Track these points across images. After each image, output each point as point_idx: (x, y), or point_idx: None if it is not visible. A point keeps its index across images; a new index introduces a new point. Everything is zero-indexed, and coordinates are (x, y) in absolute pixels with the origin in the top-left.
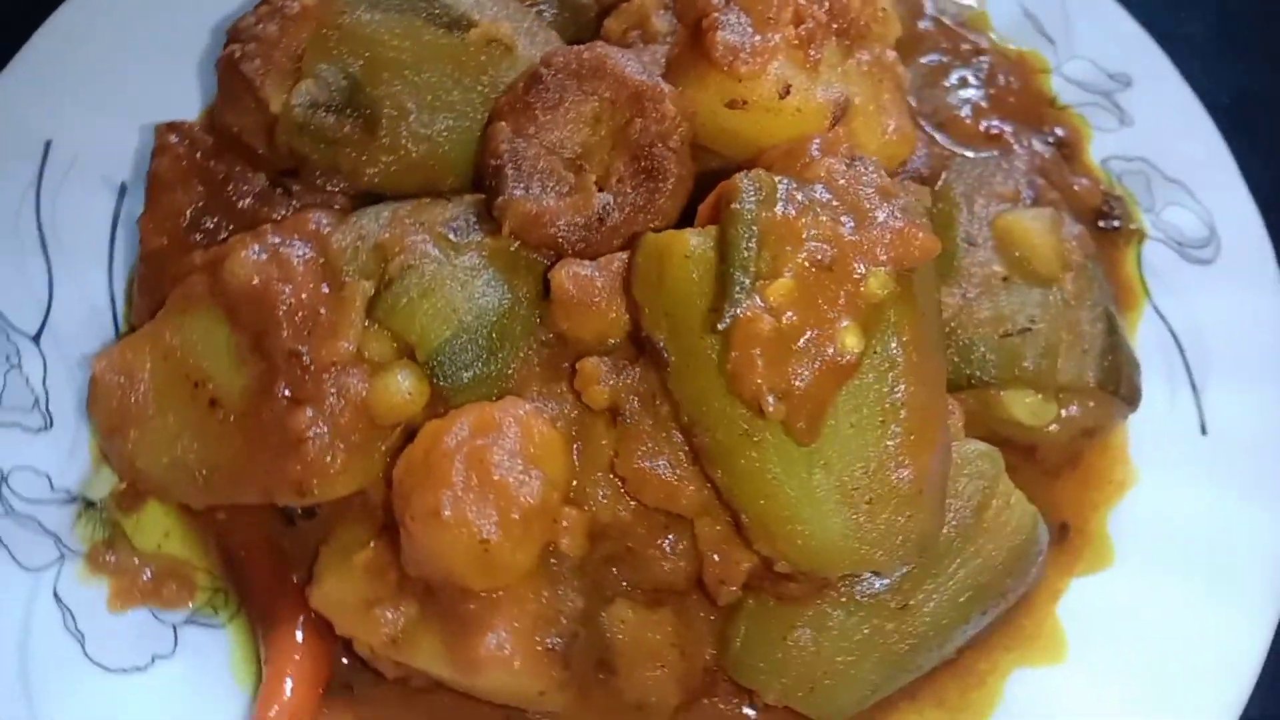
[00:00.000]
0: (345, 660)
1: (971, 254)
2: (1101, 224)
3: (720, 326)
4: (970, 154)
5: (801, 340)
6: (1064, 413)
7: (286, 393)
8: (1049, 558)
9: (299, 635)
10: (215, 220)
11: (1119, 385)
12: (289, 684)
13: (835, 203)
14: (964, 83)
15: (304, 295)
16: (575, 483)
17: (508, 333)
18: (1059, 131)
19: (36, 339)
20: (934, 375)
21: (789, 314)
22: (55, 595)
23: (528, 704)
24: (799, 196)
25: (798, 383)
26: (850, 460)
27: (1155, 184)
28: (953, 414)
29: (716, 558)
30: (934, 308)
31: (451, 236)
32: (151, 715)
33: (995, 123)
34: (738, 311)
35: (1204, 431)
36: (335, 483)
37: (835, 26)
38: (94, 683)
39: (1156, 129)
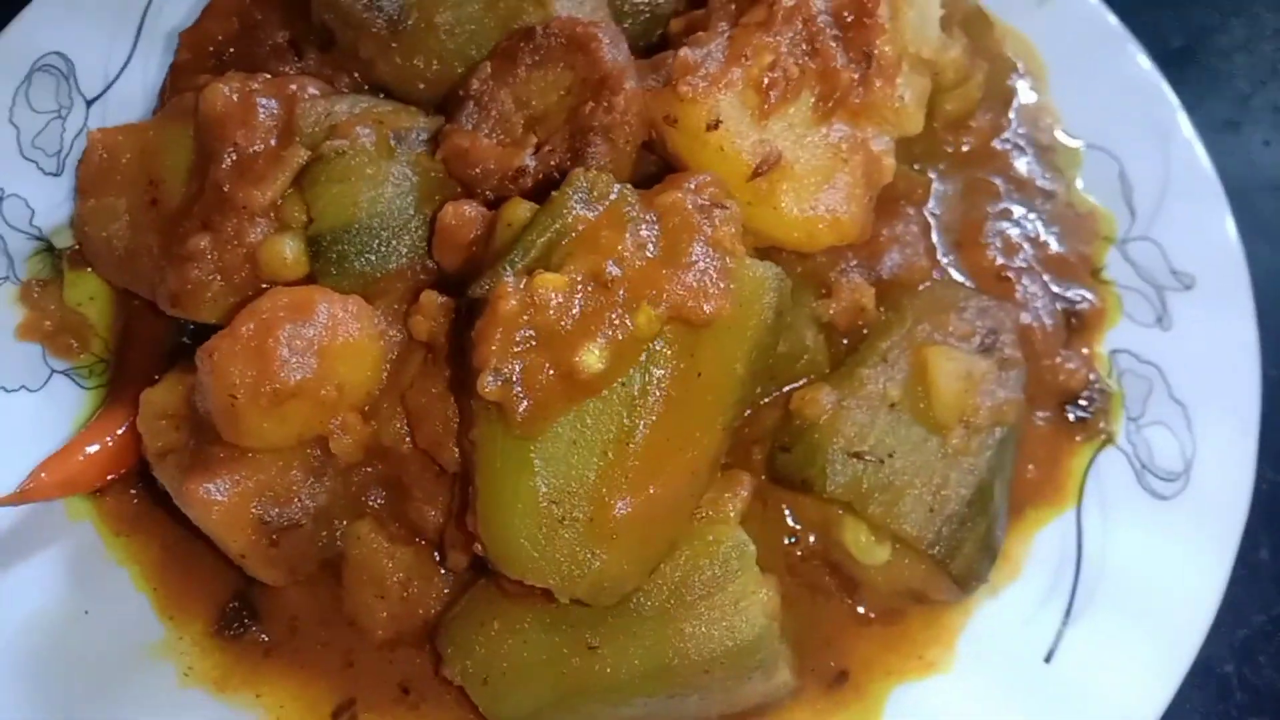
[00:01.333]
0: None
1: (879, 369)
2: (1069, 410)
3: (470, 291)
4: (966, 283)
5: (546, 339)
6: (894, 563)
7: (200, 216)
8: (813, 694)
9: (123, 429)
10: (232, 55)
11: (952, 560)
12: (85, 451)
13: (656, 234)
14: (1007, 215)
15: (253, 143)
16: (375, 397)
17: (391, 243)
18: (1084, 300)
19: (90, 103)
20: (689, 438)
21: (549, 311)
22: None
23: (238, 561)
24: (623, 211)
25: (519, 372)
26: (558, 473)
27: (1155, 397)
28: (736, 495)
29: (453, 523)
30: (723, 377)
31: (392, 141)
32: None
33: (1019, 262)
34: (489, 284)
35: (1048, 660)
36: (201, 307)
37: (817, 88)
38: None
39: (1191, 345)
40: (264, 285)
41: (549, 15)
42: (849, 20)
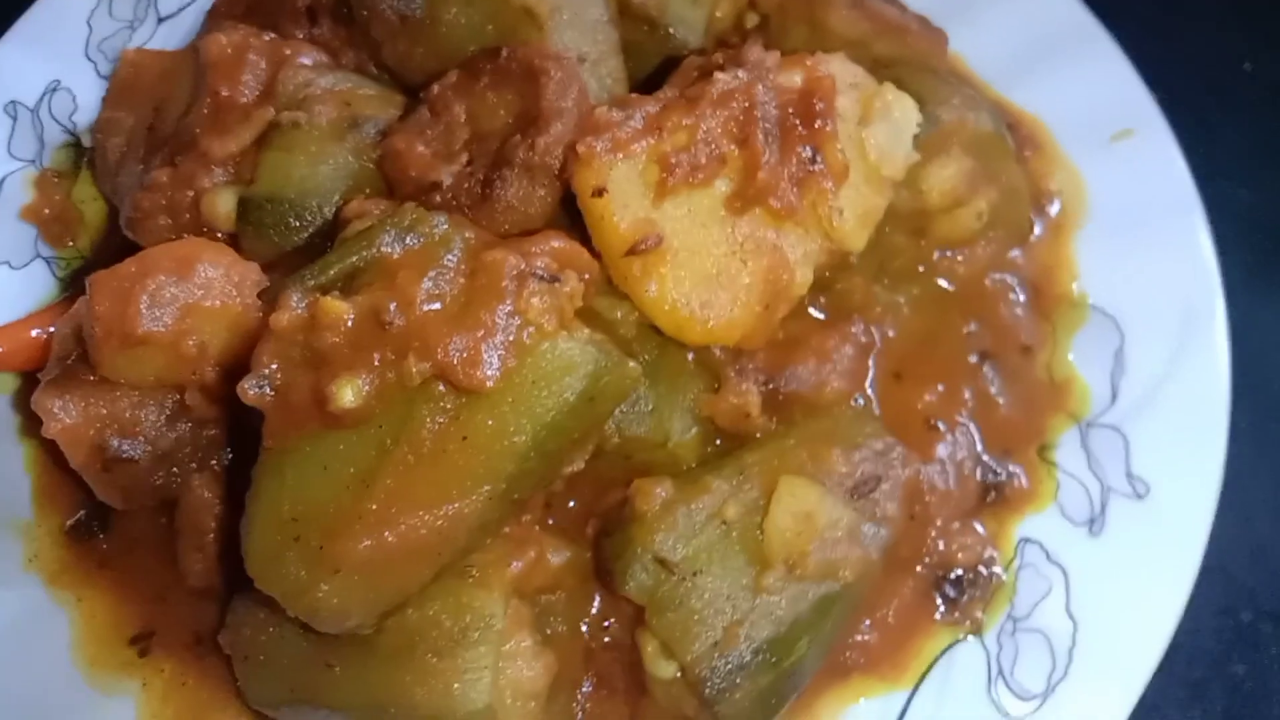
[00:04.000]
0: None
1: (730, 483)
2: (944, 586)
3: (265, 296)
4: (879, 421)
5: (312, 360)
6: (676, 688)
7: (170, 151)
8: None
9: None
10: (258, 6)
11: (718, 704)
12: (30, 332)
13: (460, 290)
14: (966, 362)
15: (232, 95)
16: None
17: (305, 223)
18: (1012, 476)
19: (163, 20)
20: (443, 496)
21: (325, 334)
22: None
23: (80, 473)
24: (437, 257)
25: (275, 384)
26: (301, 493)
27: (1050, 604)
28: (511, 565)
29: None
30: (502, 448)
31: (347, 127)
32: None
33: (958, 417)
34: (277, 293)
35: None
36: (147, 235)
37: (736, 181)
38: None
39: (1117, 563)
40: (203, 230)
41: (540, 38)
42: (795, 119)
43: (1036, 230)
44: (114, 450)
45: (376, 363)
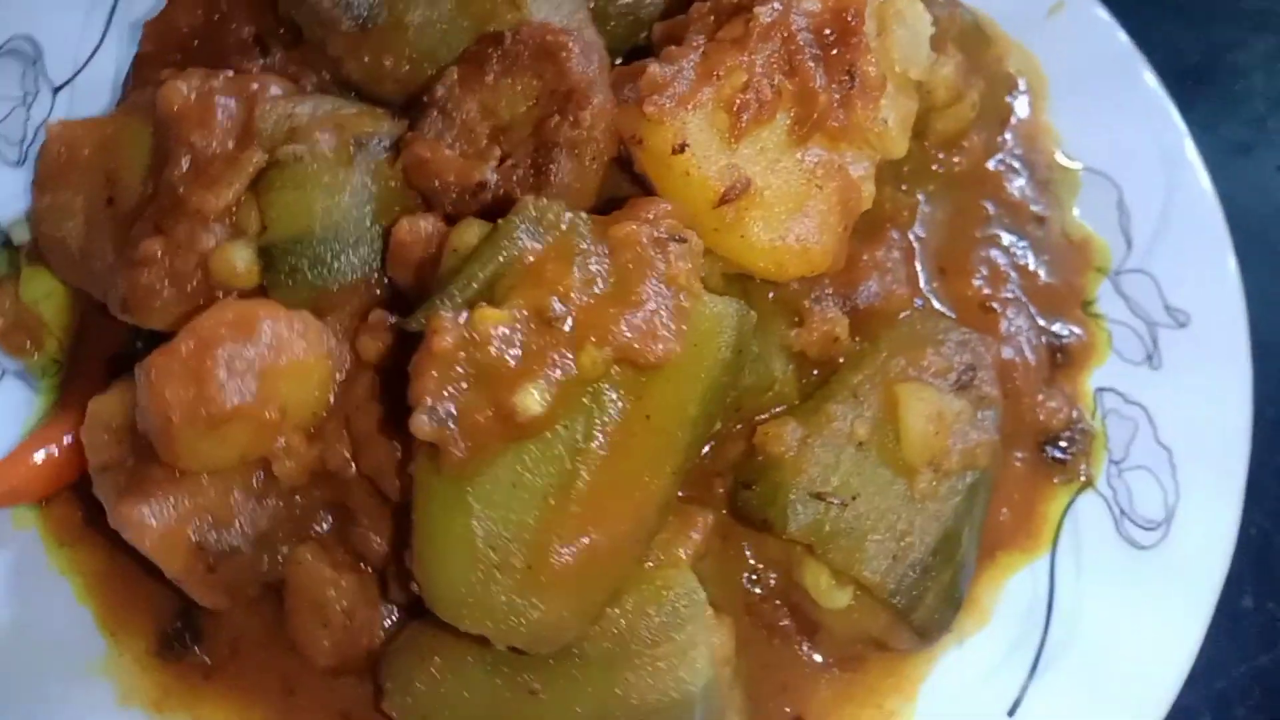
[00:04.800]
0: None
1: (848, 404)
2: (1048, 450)
3: (409, 325)
4: (948, 313)
5: (484, 378)
6: (855, 608)
7: (153, 219)
8: None
9: (71, 437)
10: (197, 48)
11: (914, 611)
12: (33, 458)
13: (607, 271)
14: (996, 241)
15: (210, 144)
16: (321, 419)
17: (344, 255)
18: (1071, 335)
19: (58, 90)
20: (636, 482)
21: (489, 348)
22: None
23: (177, 583)
24: (573, 244)
25: (452, 412)
26: (496, 517)
27: (1140, 440)
28: (688, 539)
29: (394, 558)
30: (673, 422)
31: (353, 148)
32: None
33: (1005, 293)
34: (426, 317)
35: (1011, 714)
36: (151, 314)
37: (794, 110)
38: None
39: (1181, 387)
40: (217, 294)
41: (523, 18)
42: (830, 38)
43: (1015, 110)
44: (215, 545)
45: (553, 362)
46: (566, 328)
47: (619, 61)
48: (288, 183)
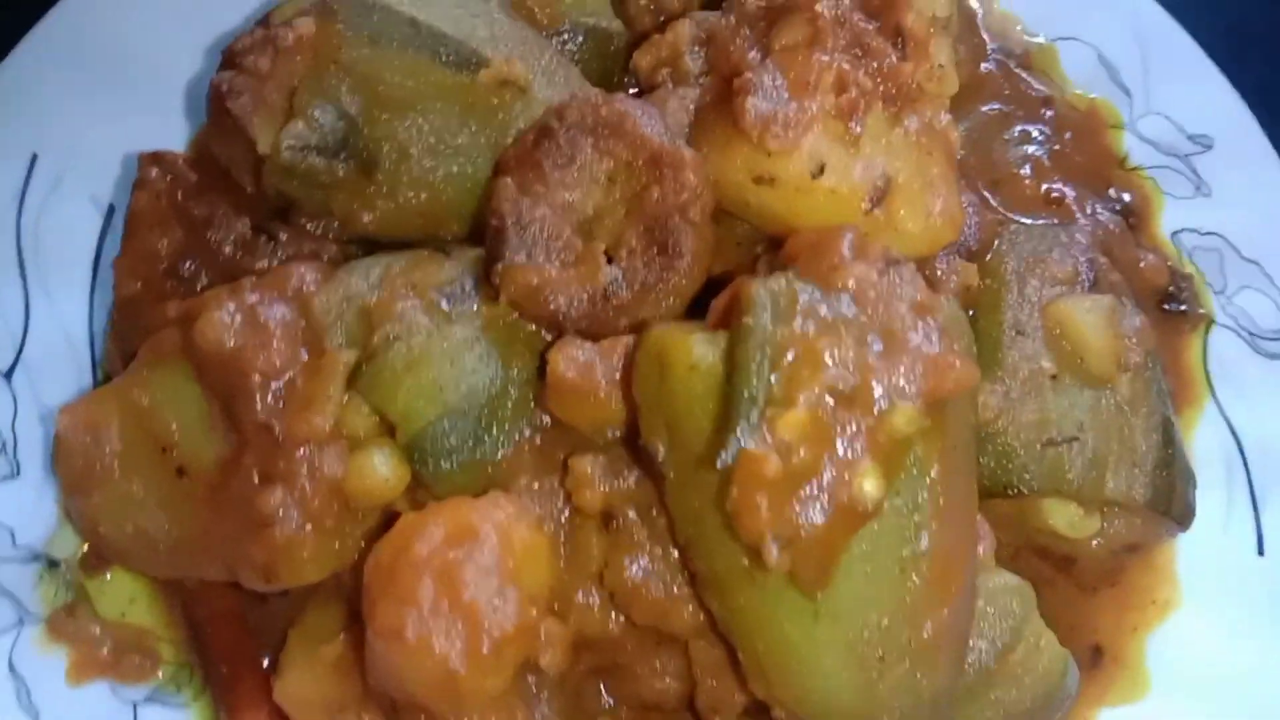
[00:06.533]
0: None
1: (1018, 345)
2: (1166, 306)
3: (720, 464)
4: (1026, 220)
5: (813, 483)
6: (1107, 527)
7: (256, 469)
8: (1082, 682)
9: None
10: (194, 266)
11: (1170, 504)
12: None
13: (863, 319)
14: (1026, 137)
15: (279, 363)
16: (561, 590)
17: (498, 417)
18: (1126, 197)
19: (8, 376)
20: (962, 515)
21: (800, 451)
22: (10, 666)
23: None
24: (822, 311)
25: (805, 531)
26: (862, 613)
27: (1229, 263)
28: (983, 539)
29: (712, 683)
30: (967, 436)
31: (444, 305)
32: None
33: (1057, 185)
34: (740, 448)
35: (1261, 552)
36: (304, 570)
37: (882, 90)
38: None
39: (1236, 201)
40: (359, 515)
41: (533, 103)
42: (876, 4)
43: (975, 8)
44: None
45: (867, 438)
46: (865, 397)
47: None
48: (399, 369)
